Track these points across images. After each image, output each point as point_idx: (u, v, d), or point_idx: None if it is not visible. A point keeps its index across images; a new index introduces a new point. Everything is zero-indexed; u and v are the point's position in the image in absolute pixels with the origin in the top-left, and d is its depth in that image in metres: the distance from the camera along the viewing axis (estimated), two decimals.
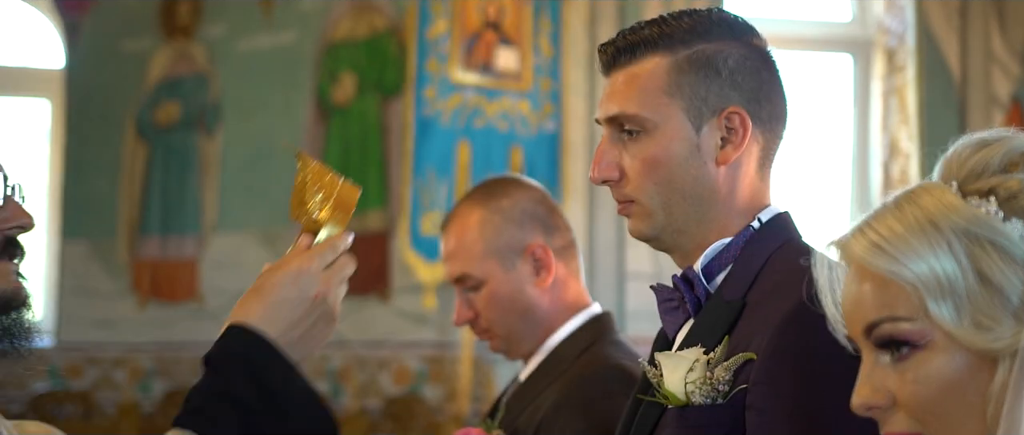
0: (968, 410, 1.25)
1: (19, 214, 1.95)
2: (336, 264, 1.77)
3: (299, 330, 1.72)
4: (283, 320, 1.70)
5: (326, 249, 1.78)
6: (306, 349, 1.74)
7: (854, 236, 1.32)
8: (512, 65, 6.60)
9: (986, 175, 1.30)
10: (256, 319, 1.69)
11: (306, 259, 1.75)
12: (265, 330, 1.68)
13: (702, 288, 1.92)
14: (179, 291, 6.84)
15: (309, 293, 1.72)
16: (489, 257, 2.68)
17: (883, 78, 6.97)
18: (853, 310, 1.31)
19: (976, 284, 1.24)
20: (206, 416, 1.64)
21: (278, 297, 1.71)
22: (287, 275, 1.72)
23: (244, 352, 1.67)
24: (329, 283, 1.75)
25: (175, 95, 6.99)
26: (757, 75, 1.95)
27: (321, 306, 1.74)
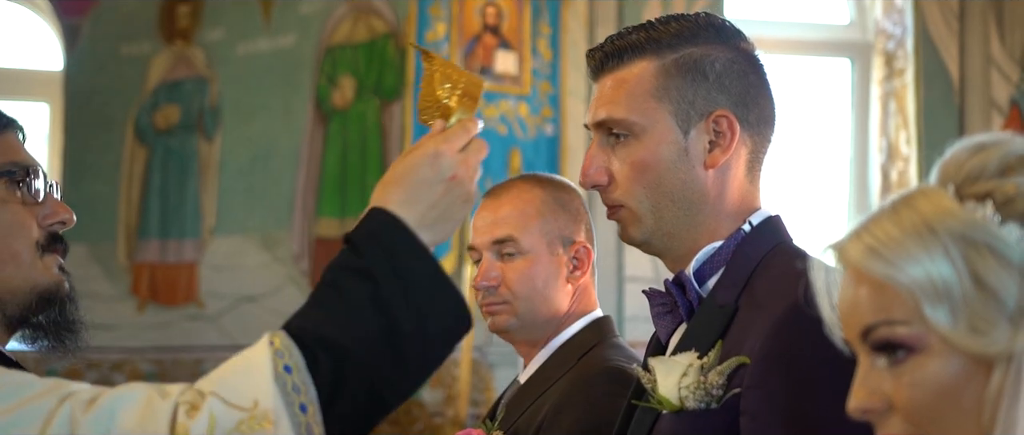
0: (964, 414, 1.25)
1: (60, 210, 2.00)
2: (471, 146, 1.81)
3: (437, 211, 1.75)
4: (421, 201, 1.74)
5: (460, 131, 1.81)
6: (444, 229, 1.78)
7: (851, 240, 1.32)
8: (511, 69, 6.60)
9: (983, 179, 1.30)
10: (395, 203, 1.73)
11: (442, 140, 1.78)
12: (404, 212, 1.72)
13: (694, 292, 1.93)
14: (178, 295, 6.84)
15: (446, 174, 1.76)
16: (541, 235, 2.71)
17: (882, 82, 6.97)
18: (849, 314, 1.32)
19: (972, 288, 1.24)
20: (338, 288, 1.69)
21: (416, 178, 1.75)
22: (425, 156, 1.76)
23: (381, 233, 1.71)
24: (466, 164, 1.78)
25: (174, 98, 6.99)
26: (744, 78, 1.95)
27: (458, 187, 1.77)
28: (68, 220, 2.01)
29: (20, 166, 1.97)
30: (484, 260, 2.74)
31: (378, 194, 1.77)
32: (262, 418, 1.64)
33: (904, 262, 1.26)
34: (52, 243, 1.99)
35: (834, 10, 7.28)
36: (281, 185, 6.78)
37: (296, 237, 6.76)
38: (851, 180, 7.04)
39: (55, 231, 2.00)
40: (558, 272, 2.72)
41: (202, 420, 1.64)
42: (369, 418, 1.71)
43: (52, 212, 1.99)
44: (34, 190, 1.97)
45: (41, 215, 1.98)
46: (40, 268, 1.96)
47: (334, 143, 6.79)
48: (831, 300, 1.38)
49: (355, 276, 1.69)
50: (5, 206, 1.94)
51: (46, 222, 1.98)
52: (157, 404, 1.65)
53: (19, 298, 1.94)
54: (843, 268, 1.34)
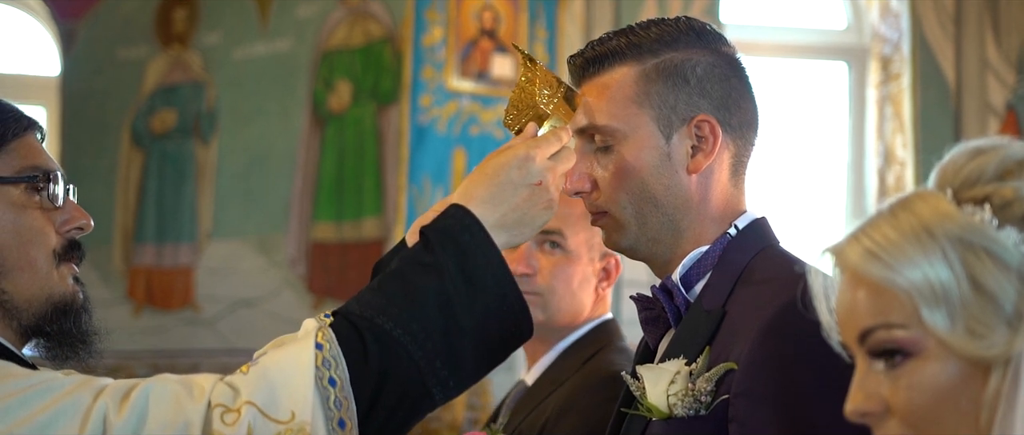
0: (961, 418, 1.25)
1: (78, 215, 1.97)
2: (561, 155, 1.84)
3: (518, 213, 1.79)
4: (504, 202, 1.77)
5: (552, 138, 1.84)
6: (524, 232, 1.81)
7: (849, 243, 1.32)
8: (508, 73, 6.60)
9: (981, 183, 1.30)
10: (477, 200, 1.77)
11: (533, 145, 1.81)
12: (484, 212, 1.76)
13: (682, 298, 1.93)
14: (174, 299, 6.83)
15: (532, 179, 1.79)
16: (586, 239, 2.78)
17: (878, 86, 6.98)
18: (847, 317, 1.32)
19: (970, 292, 1.25)
20: (404, 280, 1.72)
21: (502, 179, 1.78)
22: (515, 158, 1.79)
23: (457, 230, 1.74)
24: (554, 171, 1.82)
25: (171, 103, 6.99)
26: (726, 82, 1.96)
27: (543, 193, 1.80)
28: (86, 226, 1.97)
29: (41, 170, 1.93)
30: (525, 247, 2.77)
31: (462, 190, 1.80)
32: (298, 432, 1.63)
33: (902, 265, 1.26)
34: (69, 251, 1.95)
35: (831, 14, 7.28)
36: (278, 189, 6.78)
37: (293, 241, 6.76)
38: (848, 184, 7.04)
39: (73, 237, 1.96)
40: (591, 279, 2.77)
41: (241, 430, 1.63)
42: (414, 411, 1.72)
43: (71, 217, 1.96)
44: (53, 195, 1.93)
45: (59, 221, 1.94)
46: (55, 278, 1.92)
47: (331, 147, 6.78)
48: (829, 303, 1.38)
49: (423, 270, 1.72)
50: (24, 212, 1.90)
51: (64, 228, 1.95)
52: (187, 406, 1.64)
53: (34, 308, 1.90)
54: (841, 272, 1.34)
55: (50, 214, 1.93)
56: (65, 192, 1.96)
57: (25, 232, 1.88)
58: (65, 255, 1.94)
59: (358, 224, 6.71)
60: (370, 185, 6.72)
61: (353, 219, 6.72)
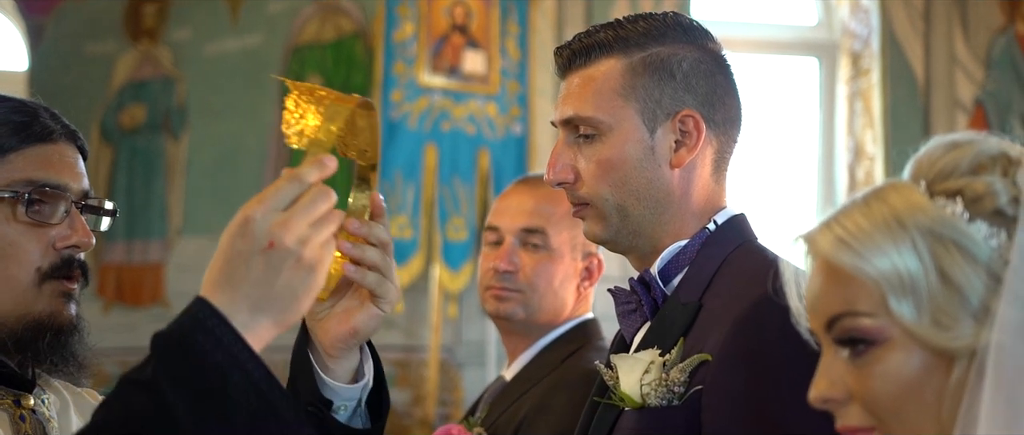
0: (924, 408, 1.26)
1: (74, 233, 1.88)
2: (301, 200, 1.47)
3: (262, 289, 1.43)
4: (240, 280, 1.43)
5: (285, 182, 1.48)
6: (289, 306, 1.45)
7: (821, 230, 1.33)
8: (479, 68, 6.60)
9: (954, 176, 1.31)
10: (212, 285, 1.44)
11: (255, 202, 1.46)
12: (223, 296, 1.42)
13: (659, 291, 1.93)
14: (144, 295, 6.79)
15: (261, 243, 1.43)
16: (569, 238, 2.76)
17: (848, 82, 7.01)
18: (815, 304, 1.33)
19: (938, 283, 1.25)
20: (114, 408, 1.43)
21: (230, 253, 1.44)
22: (234, 227, 1.46)
23: (183, 328, 1.41)
24: (286, 226, 1.44)
25: (140, 98, 6.95)
26: (711, 79, 1.96)
27: (285, 256, 1.43)
28: (83, 244, 1.88)
29: (37, 184, 1.85)
30: (507, 244, 2.78)
31: (205, 277, 1.48)
32: None
33: (872, 254, 1.27)
34: (61, 268, 1.86)
35: (802, 11, 7.31)
36: (249, 185, 6.75)
37: None
38: (819, 179, 7.08)
39: (69, 255, 1.88)
40: (573, 277, 2.78)
41: None
42: None
43: (67, 235, 1.87)
44: (44, 211, 1.85)
45: (55, 237, 1.86)
46: (34, 295, 1.84)
47: None
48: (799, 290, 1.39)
49: (136, 390, 1.40)
50: (6, 226, 1.83)
51: (60, 245, 1.87)
52: None
53: (11, 324, 1.83)
54: (812, 258, 1.35)
55: (44, 230, 1.86)
56: (69, 208, 1.89)
57: (4, 247, 1.83)
58: (53, 273, 1.86)
59: None
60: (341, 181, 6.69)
61: None
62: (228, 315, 1.42)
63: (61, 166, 1.92)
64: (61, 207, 1.88)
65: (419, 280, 6.50)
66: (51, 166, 1.90)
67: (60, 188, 1.89)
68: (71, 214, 1.90)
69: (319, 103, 1.56)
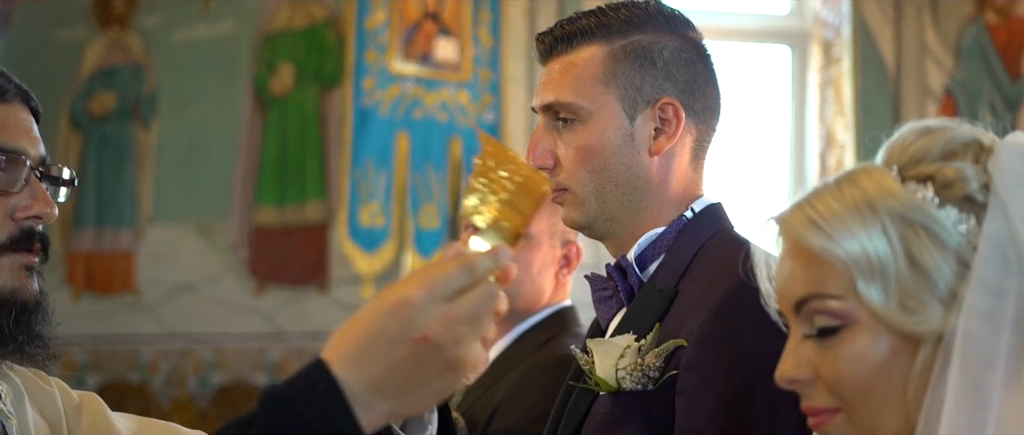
0: (889, 391, 1.27)
1: (36, 203, 1.72)
2: (468, 296, 1.31)
3: (399, 378, 1.29)
4: (376, 362, 1.29)
5: (456, 269, 1.31)
6: (417, 400, 1.32)
7: (792, 212, 1.34)
8: (451, 56, 6.58)
9: (926, 162, 1.32)
10: (343, 358, 1.31)
11: (419, 283, 1.31)
12: (351, 372, 1.29)
13: (635, 277, 1.94)
14: (114, 283, 6.75)
15: (413, 332, 1.28)
16: (547, 226, 2.80)
17: (820, 70, 7.03)
18: (785, 286, 1.34)
19: (906, 267, 1.26)
20: None
21: (374, 331, 1.30)
22: (388, 304, 1.31)
23: (304, 400, 1.29)
24: (446, 323, 1.29)
25: (110, 85, 6.90)
26: (692, 67, 1.97)
27: (434, 352, 1.29)
28: (46, 214, 1.72)
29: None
30: None
31: (332, 338, 1.36)
32: None
33: (842, 236, 1.28)
34: (22, 240, 1.70)
35: None
36: (219, 173, 6.72)
37: (235, 225, 6.71)
38: (791, 166, 7.11)
39: (29, 226, 1.71)
40: (551, 265, 2.79)
41: None
42: None
43: (28, 205, 1.71)
44: (5, 178, 1.70)
45: (15, 206, 1.70)
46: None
47: (273, 130, 6.73)
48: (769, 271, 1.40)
49: None
50: None
51: (19, 215, 1.71)
52: None
53: None
54: (782, 240, 1.36)
55: (2, 199, 1.71)
56: (28, 175, 1.73)
57: None
58: (13, 245, 1.70)
59: (301, 208, 6.67)
60: (313, 168, 6.68)
61: (296, 203, 6.68)
62: (349, 394, 1.29)
63: (17, 129, 1.77)
64: (20, 174, 1.72)
65: (391, 268, 6.49)
66: (6, 129, 1.76)
67: (17, 153, 1.73)
68: (31, 182, 1.73)
69: (510, 179, 1.36)
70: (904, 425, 1.27)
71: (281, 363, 6.69)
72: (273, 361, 6.70)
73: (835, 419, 1.30)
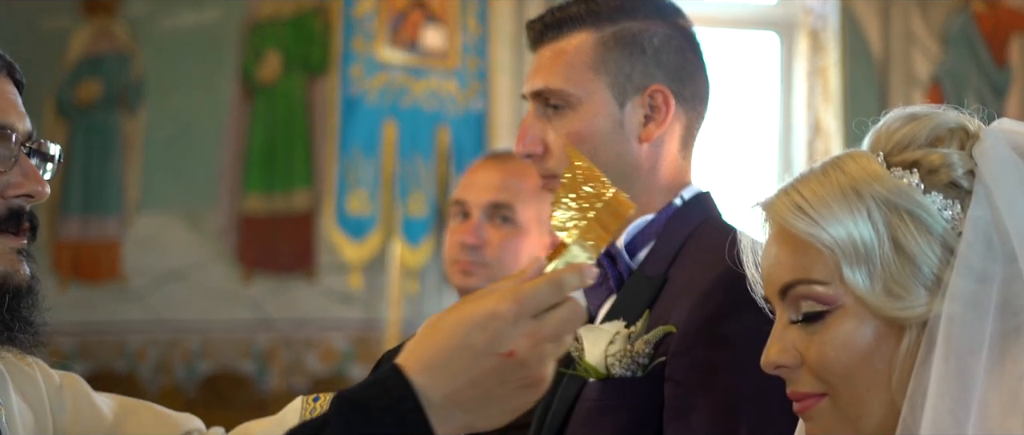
0: (874, 375, 1.27)
1: (26, 180, 1.62)
2: (555, 313, 1.29)
3: (479, 392, 1.27)
4: (459, 373, 1.27)
5: (546, 286, 1.29)
6: (492, 415, 1.30)
7: (778, 197, 1.34)
8: (439, 44, 6.57)
9: (912, 148, 1.33)
10: (423, 366, 1.27)
11: (509, 296, 1.28)
12: (430, 381, 1.26)
13: (625, 264, 1.94)
14: (101, 272, 6.74)
15: (501, 347, 1.26)
16: (536, 214, 2.83)
17: (808, 58, 7.04)
18: (771, 271, 1.34)
19: (891, 253, 1.27)
20: None
21: (459, 341, 1.28)
22: (480, 314, 1.27)
23: (379, 409, 1.26)
24: (534, 340, 1.27)
25: (96, 73, 6.87)
26: (681, 55, 1.97)
27: (517, 369, 1.27)
28: (37, 193, 1.62)
29: None
30: (474, 219, 2.81)
31: (410, 344, 1.32)
32: None
33: (827, 222, 1.28)
34: (11, 221, 1.60)
35: None
36: (206, 161, 6.71)
37: (222, 213, 6.70)
38: (779, 155, 7.12)
39: (18, 205, 1.61)
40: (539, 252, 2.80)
41: None
42: None
43: (17, 182, 1.61)
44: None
45: (4, 184, 1.60)
46: None
47: (260, 118, 6.72)
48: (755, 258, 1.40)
49: None
50: None
51: (9, 193, 1.60)
52: None
53: None
54: (769, 225, 1.36)
55: None
56: (16, 152, 1.63)
57: None
58: (2, 226, 1.60)
59: (288, 196, 6.67)
60: (300, 156, 6.67)
61: (283, 191, 6.68)
62: (426, 403, 1.26)
63: (3, 103, 1.67)
64: (9, 150, 1.62)
65: (378, 256, 6.49)
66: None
67: (4, 128, 1.63)
68: (20, 159, 1.63)
69: (597, 196, 1.35)
70: (889, 410, 1.27)
71: (269, 351, 6.69)
72: (261, 349, 6.70)
73: (820, 404, 1.31)
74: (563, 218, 1.34)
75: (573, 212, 1.34)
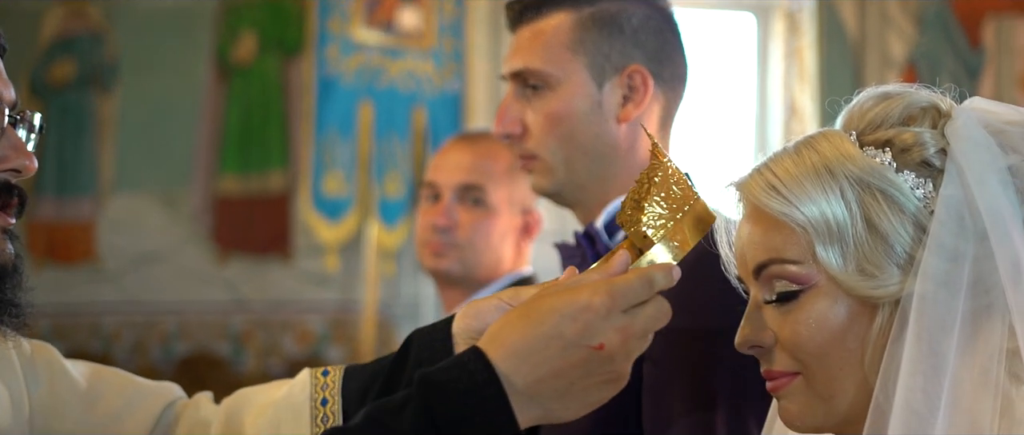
0: (847, 354, 1.28)
1: (13, 154, 1.52)
2: (645, 309, 1.30)
3: (563, 382, 1.27)
4: (545, 362, 1.26)
5: (638, 282, 1.30)
6: (570, 408, 1.29)
7: (752, 176, 1.35)
8: (415, 24, 6.55)
9: (884, 127, 1.33)
10: (508, 351, 1.26)
11: (603, 291, 1.27)
12: (515, 368, 1.25)
13: (603, 244, 1.95)
14: (76, 253, 6.71)
15: (591, 339, 1.26)
16: (508, 195, 2.83)
17: (784, 39, 7.05)
18: (744, 250, 1.34)
19: (864, 232, 1.27)
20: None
21: (548, 330, 1.26)
22: (573, 305, 1.27)
23: (461, 393, 1.24)
24: (625, 335, 1.28)
25: (70, 53, 6.83)
26: (660, 35, 1.97)
27: (604, 362, 1.27)
28: (24, 167, 1.52)
29: None
30: (445, 201, 2.81)
31: (495, 328, 1.30)
32: None
33: (800, 201, 1.29)
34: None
35: None
36: (182, 142, 6.68)
37: (197, 194, 6.68)
38: (755, 135, 7.13)
39: (4, 180, 1.51)
40: (511, 233, 2.80)
41: None
42: None
43: (6, 155, 1.51)
44: None
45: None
46: None
47: (236, 99, 6.70)
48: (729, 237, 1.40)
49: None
50: None
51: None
52: None
53: None
54: (743, 205, 1.36)
55: None
56: (4, 125, 1.52)
57: None
58: None
59: (264, 177, 6.65)
60: (276, 137, 6.65)
61: (259, 172, 6.65)
62: (509, 389, 1.25)
63: None
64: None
65: (355, 237, 6.48)
66: None
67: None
68: (6, 130, 1.53)
69: (684, 200, 1.37)
70: (861, 388, 1.28)
71: (245, 333, 6.68)
72: (237, 331, 6.68)
73: (794, 383, 1.31)
74: (653, 215, 1.35)
75: (664, 211, 1.35)
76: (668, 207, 1.36)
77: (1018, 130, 1.29)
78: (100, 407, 1.69)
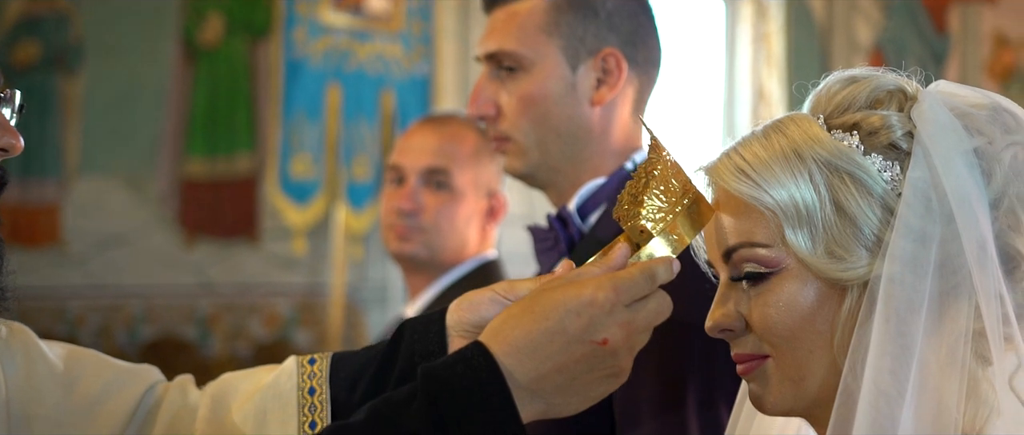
0: (817, 336, 1.29)
1: (5, 133, 1.50)
2: (647, 304, 1.31)
3: (565, 377, 1.27)
4: (548, 357, 1.26)
5: (641, 276, 1.30)
6: (571, 403, 1.30)
7: (721, 160, 1.35)
8: (383, 7, 6.53)
9: (851, 110, 1.33)
10: (510, 346, 1.26)
11: (608, 284, 1.28)
12: (517, 363, 1.25)
13: (576, 227, 1.95)
14: (40, 236, 6.66)
15: (595, 334, 1.26)
16: (473, 178, 2.81)
17: (752, 24, 7.07)
18: (713, 234, 1.35)
19: (832, 214, 1.28)
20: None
21: (552, 325, 1.26)
22: (576, 299, 1.27)
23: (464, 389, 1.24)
24: (628, 330, 1.28)
25: (34, 34, 6.77)
26: (634, 19, 1.98)
27: (607, 357, 1.28)
28: (11, 146, 1.49)
29: None
30: (410, 185, 2.79)
31: (496, 323, 1.30)
32: None
33: (769, 184, 1.29)
34: None
35: None
36: (148, 124, 6.64)
37: (163, 177, 6.64)
38: (723, 120, 7.16)
39: None
40: (476, 216, 2.79)
41: None
42: None
43: None
44: None
45: None
46: None
47: (203, 82, 6.66)
48: None
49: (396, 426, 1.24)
50: None
51: None
52: None
53: None
54: (712, 189, 1.37)
55: None
56: None
57: None
58: None
59: (231, 159, 6.62)
60: (243, 120, 6.62)
61: (226, 154, 6.62)
62: (512, 384, 1.25)
63: None
64: None
65: (322, 220, 6.46)
66: None
67: None
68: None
69: (684, 194, 1.36)
70: (830, 370, 1.28)
71: (211, 316, 6.65)
72: (203, 314, 6.66)
73: (763, 365, 1.32)
74: (652, 209, 1.35)
75: (663, 205, 1.35)
76: (667, 201, 1.35)
77: (983, 113, 1.30)
78: (79, 390, 1.66)
